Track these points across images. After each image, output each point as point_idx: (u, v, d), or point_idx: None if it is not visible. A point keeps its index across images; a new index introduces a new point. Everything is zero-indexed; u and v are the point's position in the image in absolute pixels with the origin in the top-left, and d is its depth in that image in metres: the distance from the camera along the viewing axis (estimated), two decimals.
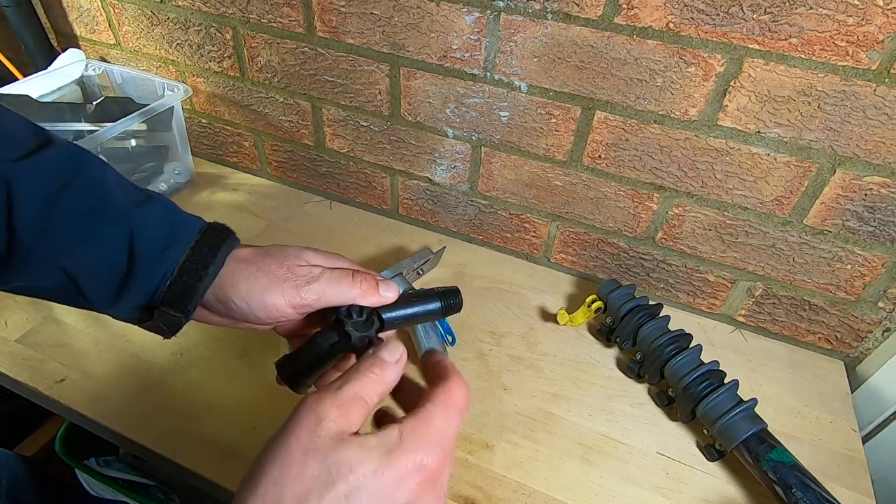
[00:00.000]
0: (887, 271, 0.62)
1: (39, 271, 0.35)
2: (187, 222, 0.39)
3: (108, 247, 0.35)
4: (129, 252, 0.36)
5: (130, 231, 0.36)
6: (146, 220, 0.37)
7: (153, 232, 0.37)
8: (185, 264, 0.37)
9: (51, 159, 0.35)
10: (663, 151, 0.64)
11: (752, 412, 0.56)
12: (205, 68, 0.86)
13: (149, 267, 0.36)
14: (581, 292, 0.78)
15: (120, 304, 0.37)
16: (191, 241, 0.38)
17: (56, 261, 0.34)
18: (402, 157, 0.81)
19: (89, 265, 0.35)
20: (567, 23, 0.60)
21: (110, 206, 0.36)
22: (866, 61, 0.51)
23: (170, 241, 0.37)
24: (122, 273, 0.36)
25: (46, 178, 0.34)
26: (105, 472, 0.90)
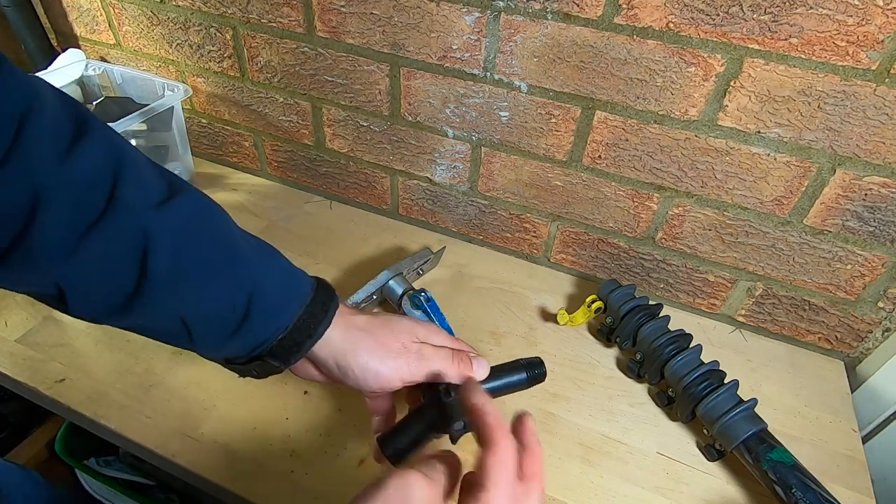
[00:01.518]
0: (887, 271, 0.62)
1: (158, 316, 0.36)
2: (301, 280, 0.41)
3: (229, 299, 0.37)
4: (248, 305, 0.37)
5: (252, 285, 0.37)
6: (267, 275, 0.39)
7: (272, 288, 0.38)
8: (298, 322, 0.39)
9: (185, 208, 0.36)
10: (663, 151, 0.64)
11: (752, 412, 0.56)
12: (205, 68, 0.86)
13: (264, 322, 0.38)
14: (581, 292, 0.78)
15: (223, 350, 0.39)
16: (305, 301, 0.39)
17: (177, 307, 0.36)
18: (402, 157, 0.81)
19: (207, 314, 0.37)
20: (567, 23, 0.60)
21: (235, 258, 0.38)
22: (866, 61, 0.51)
23: (286, 298, 0.39)
24: (235, 324, 0.37)
25: (180, 227, 0.35)
26: (105, 472, 0.90)
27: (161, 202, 0.35)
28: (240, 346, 0.39)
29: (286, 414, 0.59)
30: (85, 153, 0.32)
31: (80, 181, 0.31)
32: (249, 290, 0.37)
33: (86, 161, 0.32)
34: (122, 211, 0.32)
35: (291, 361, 0.40)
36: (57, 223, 0.31)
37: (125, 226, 0.33)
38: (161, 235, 0.34)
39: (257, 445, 0.56)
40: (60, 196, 0.30)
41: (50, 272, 0.32)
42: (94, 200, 0.32)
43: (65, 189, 0.31)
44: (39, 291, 0.34)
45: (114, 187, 0.32)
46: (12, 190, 0.29)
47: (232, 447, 0.56)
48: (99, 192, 0.32)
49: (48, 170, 0.30)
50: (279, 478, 0.53)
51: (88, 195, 0.32)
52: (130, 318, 0.36)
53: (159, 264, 0.34)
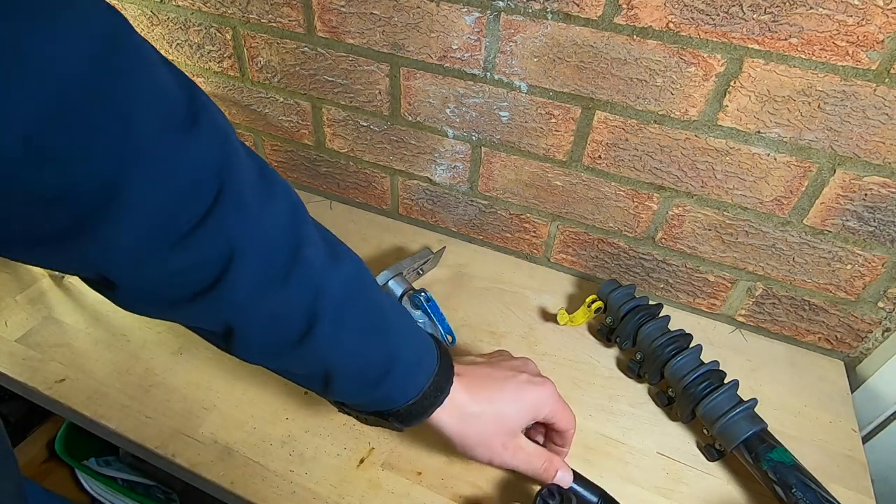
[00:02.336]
0: (887, 271, 0.62)
1: (307, 365, 0.38)
2: (430, 349, 0.43)
3: (373, 362, 0.39)
4: (388, 368, 0.40)
5: (395, 349, 0.40)
6: (406, 340, 0.41)
7: (409, 354, 0.41)
8: (427, 391, 0.41)
9: (350, 269, 0.38)
10: (663, 151, 0.64)
11: (752, 412, 0.56)
12: (205, 68, 0.86)
13: (397, 386, 0.41)
14: (581, 292, 0.78)
15: (353, 401, 0.42)
16: (434, 370, 0.42)
17: (326, 363, 0.38)
18: (402, 157, 0.81)
19: (352, 372, 0.39)
20: (567, 23, 0.60)
21: (384, 321, 0.40)
22: (866, 61, 0.51)
23: (420, 366, 0.42)
24: (370, 386, 0.40)
25: (346, 287, 0.37)
26: (105, 472, 0.90)
27: (330, 262, 0.37)
28: (368, 402, 0.42)
29: (286, 414, 0.59)
30: (276, 209, 0.33)
31: (270, 238, 0.33)
32: (392, 353, 0.40)
33: (276, 218, 0.33)
34: (304, 270, 0.34)
35: (411, 425, 0.43)
36: (248, 279, 0.32)
37: (304, 284, 0.34)
38: (331, 295, 0.36)
39: (257, 445, 0.56)
40: (255, 249, 0.32)
41: (228, 319, 0.34)
42: (281, 255, 0.33)
43: (259, 243, 0.32)
44: (209, 330, 0.36)
45: (297, 245, 0.34)
46: (213, 245, 0.30)
47: (232, 447, 0.56)
48: (285, 248, 0.34)
49: (245, 226, 0.31)
50: (279, 478, 0.54)
51: (277, 250, 0.33)
52: (281, 363, 0.38)
53: (325, 322, 0.36)
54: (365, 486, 0.53)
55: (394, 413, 0.42)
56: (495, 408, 0.45)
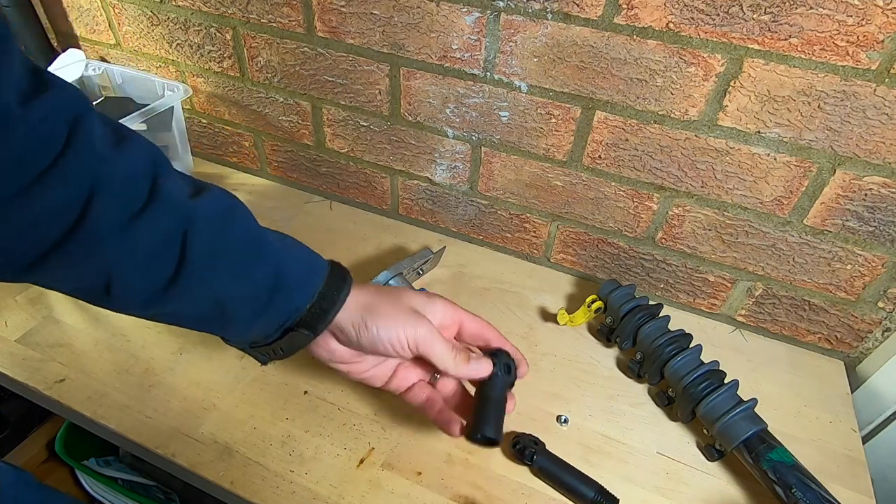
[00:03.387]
0: (887, 271, 0.62)
1: (195, 298, 0.39)
2: (318, 259, 0.46)
3: (261, 276, 0.41)
4: (275, 283, 0.41)
5: (278, 263, 0.42)
6: (290, 254, 0.43)
7: (296, 267, 0.43)
8: (323, 291, 0.43)
9: (216, 198, 0.40)
10: (663, 151, 0.64)
11: (752, 412, 0.56)
12: (205, 68, 0.86)
13: (291, 295, 0.42)
14: (581, 292, 0.78)
15: (254, 328, 0.43)
16: (325, 274, 0.44)
17: (213, 287, 0.39)
18: (402, 157, 0.81)
19: (241, 293, 0.40)
20: (567, 23, 0.60)
21: (262, 241, 0.42)
22: (866, 61, 0.51)
23: (310, 273, 0.43)
24: (266, 299, 0.41)
25: (215, 214, 0.39)
26: (105, 472, 0.90)
27: (194, 194, 0.39)
28: (271, 320, 0.42)
29: (286, 414, 0.59)
30: (132, 148, 0.36)
31: (130, 172, 0.35)
32: (276, 267, 0.41)
33: (133, 155, 0.36)
34: (165, 199, 0.36)
35: (320, 329, 0.43)
36: (111, 208, 0.34)
37: (168, 213, 0.36)
38: (199, 221, 0.37)
39: (257, 445, 0.56)
40: (114, 184, 0.34)
41: (102, 258, 0.35)
42: (141, 188, 0.36)
43: (118, 178, 0.35)
44: (87, 286, 0.37)
45: (155, 179, 0.36)
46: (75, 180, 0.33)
47: (232, 447, 0.56)
48: (144, 182, 0.36)
49: (103, 161, 0.34)
50: (279, 478, 0.54)
51: (136, 184, 0.36)
52: (168, 304, 0.39)
53: (198, 247, 0.37)
54: (365, 486, 0.53)
55: (299, 321, 0.43)
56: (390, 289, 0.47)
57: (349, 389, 0.62)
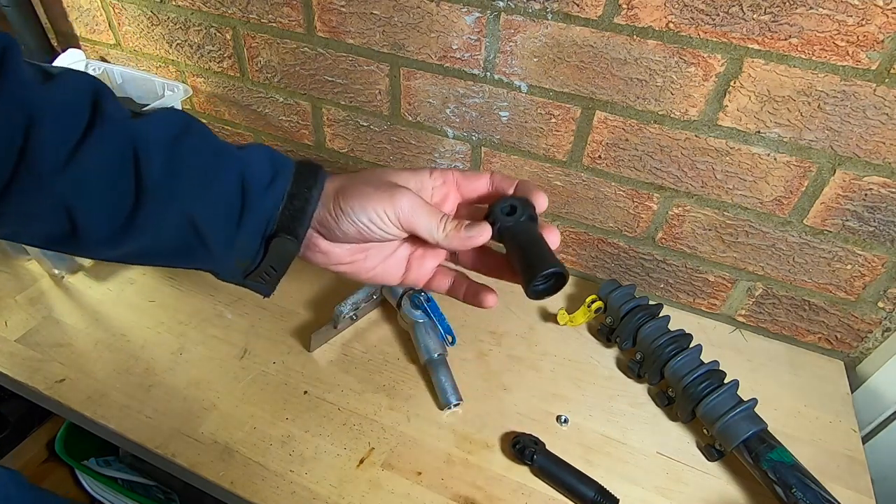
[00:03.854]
0: (887, 271, 0.62)
1: (163, 223, 0.37)
2: (284, 158, 0.43)
3: (226, 186, 0.39)
4: (242, 189, 0.39)
5: (241, 170, 0.39)
6: (251, 158, 0.41)
7: (259, 168, 0.40)
8: (292, 190, 0.40)
9: (164, 114, 0.38)
10: (663, 151, 0.64)
11: (752, 412, 0.56)
12: (205, 68, 0.86)
13: (261, 198, 0.40)
14: (581, 292, 0.78)
15: (235, 245, 0.40)
16: (292, 171, 0.41)
17: (180, 207, 0.37)
18: (402, 157, 0.81)
19: (211, 205, 0.38)
20: (567, 23, 0.60)
21: (221, 150, 0.40)
22: (866, 61, 0.51)
23: (274, 174, 0.41)
24: (238, 209, 0.39)
25: (164, 131, 0.37)
26: (105, 472, 0.90)
27: (140, 117, 0.37)
28: (249, 232, 0.40)
29: (286, 414, 0.59)
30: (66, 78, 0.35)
31: (66, 100, 0.34)
32: (241, 174, 0.39)
33: (68, 83, 0.35)
34: (107, 121, 0.35)
35: (301, 232, 0.41)
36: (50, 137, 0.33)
37: (113, 134, 0.35)
38: (148, 139, 0.36)
39: (257, 445, 0.56)
40: (50, 113, 0.33)
41: (54, 191, 0.34)
42: (80, 114, 0.35)
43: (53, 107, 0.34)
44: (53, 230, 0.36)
45: (95, 104, 0.35)
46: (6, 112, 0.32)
47: (232, 447, 0.56)
48: (83, 109, 0.35)
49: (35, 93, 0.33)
50: (279, 478, 0.54)
51: (75, 110, 0.35)
52: (140, 236, 0.37)
53: (152, 167, 0.36)
54: (365, 486, 0.53)
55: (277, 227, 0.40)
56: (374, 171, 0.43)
57: (349, 389, 0.62)
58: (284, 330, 0.69)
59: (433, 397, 0.62)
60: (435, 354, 0.63)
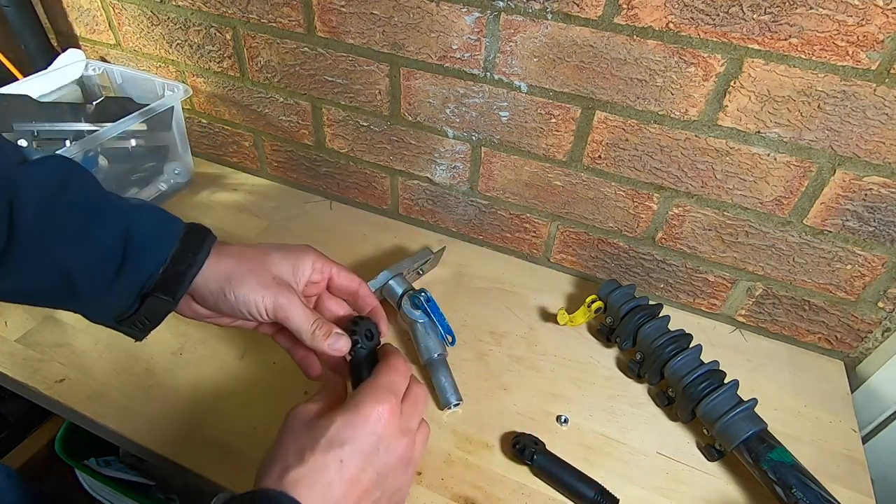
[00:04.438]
0: (887, 271, 0.62)
1: (34, 270, 0.37)
2: (173, 220, 0.43)
3: (106, 241, 0.38)
4: (125, 244, 0.39)
5: (126, 226, 0.39)
6: (140, 216, 0.41)
7: (147, 227, 0.40)
8: (177, 254, 0.41)
9: (49, 163, 0.38)
10: (663, 151, 0.64)
11: (752, 412, 0.56)
12: (205, 68, 0.86)
13: (143, 258, 0.40)
14: (581, 292, 0.78)
15: (109, 297, 0.40)
16: (180, 234, 0.42)
17: (53, 257, 0.37)
18: (402, 157, 0.81)
19: (85, 261, 0.38)
20: (567, 23, 0.60)
21: (106, 204, 0.39)
22: (866, 61, 0.51)
23: (161, 235, 0.41)
24: (116, 265, 0.39)
25: (45, 180, 0.37)
26: (105, 473, 0.90)
27: (22, 161, 0.37)
28: (125, 288, 0.40)
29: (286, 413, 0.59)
30: None
31: None
32: (124, 231, 0.39)
33: None
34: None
35: (179, 294, 0.41)
36: None
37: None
38: (25, 188, 0.35)
39: (257, 446, 0.56)
40: None
41: None
42: None
43: None
44: None
45: None
46: None
47: (232, 447, 0.56)
48: None
49: None
50: None
51: None
52: (7, 279, 0.37)
53: (26, 215, 0.35)
54: None
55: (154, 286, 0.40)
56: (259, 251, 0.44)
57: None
58: None
59: (433, 397, 0.62)
60: (435, 354, 0.63)
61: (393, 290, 0.69)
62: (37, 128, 0.77)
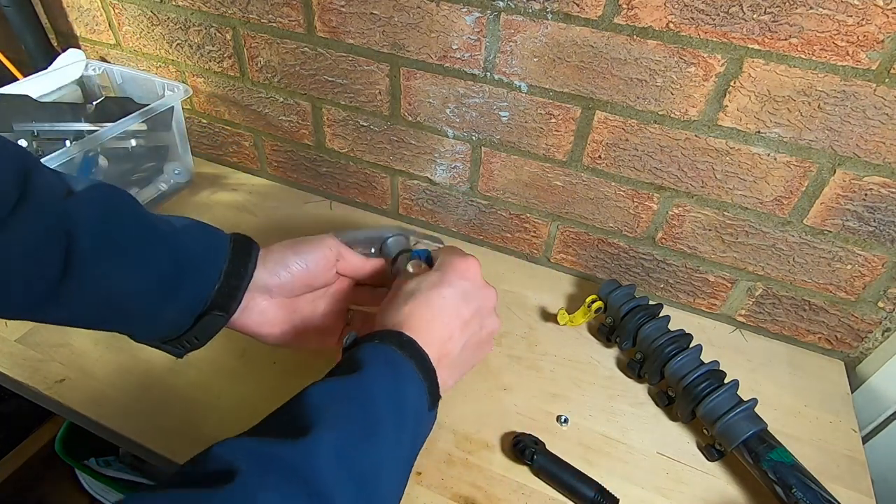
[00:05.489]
0: (887, 271, 0.62)
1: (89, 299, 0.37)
2: (219, 236, 0.44)
3: (158, 266, 0.39)
4: (177, 268, 0.40)
5: (176, 249, 0.40)
6: (187, 237, 0.41)
7: (197, 247, 0.41)
8: (229, 270, 0.42)
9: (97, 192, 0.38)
10: (663, 151, 0.64)
11: (752, 412, 0.56)
12: (205, 68, 0.86)
13: (197, 279, 0.41)
14: (581, 292, 0.78)
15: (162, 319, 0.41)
16: (228, 250, 0.43)
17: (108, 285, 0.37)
18: (402, 157, 0.81)
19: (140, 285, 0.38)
20: (567, 23, 0.60)
21: (154, 229, 0.40)
22: (866, 61, 0.51)
23: (211, 253, 0.42)
24: (171, 288, 0.40)
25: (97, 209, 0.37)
26: (105, 472, 0.90)
27: (71, 192, 0.37)
28: (182, 310, 0.41)
29: None
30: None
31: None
32: (174, 254, 0.40)
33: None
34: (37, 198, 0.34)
35: (233, 308, 0.42)
36: None
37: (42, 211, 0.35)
38: (80, 217, 0.36)
39: None
40: None
41: None
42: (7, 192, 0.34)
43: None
44: None
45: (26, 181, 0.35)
46: None
47: None
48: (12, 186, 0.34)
49: None
50: None
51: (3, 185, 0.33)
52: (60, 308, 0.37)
53: (83, 245, 0.35)
54: None
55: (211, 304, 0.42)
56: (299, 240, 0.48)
57: None
58: None
59: None
60: None
61: (390, 248, 0.59)
62: (37, 128, 0.77)
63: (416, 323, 0.40)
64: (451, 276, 0.43)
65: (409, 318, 0.40)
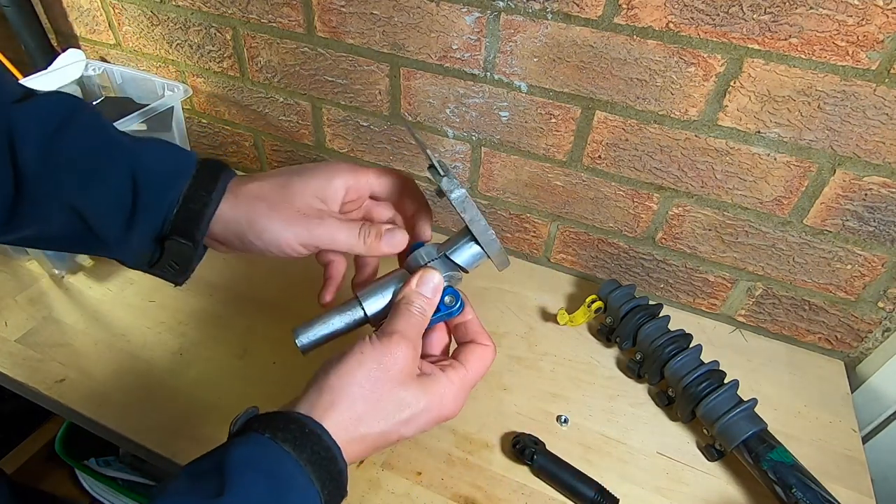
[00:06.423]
0: (887, 271, 0.62)
1: (48, 214, 0.35)
2: (186, 155, 0.40)
3: (114, 181, 0.36)
4: (134, 185, 0.37)
5: (133, 165, 0.37)
6: (148, 154, 0.38)
7: (155, 165, 0.38)
8: (189, 192, 0.38)
9: (48, 101, 0.36)
10: (663, 151, 0.64)
11: (752, 412, 0.56)
12: (205, 68, 0.86)
13: (154, 198, 0.37)
14: (581, 292, 0.78)
15: (131, 239, 0.38)
16: (192, 171, 0.39)
17: (64, 200, 0.35)
18: (402, 157, 0.81)
19: (97, 201, 0.36)
20: (567, 23, 0.60)
21: (111, 142, 0.37)
22: (866, 61, 0.51)
23: (172, 172, 0.38)
24: (129, 206, 0.37)
25: (45, 118, 0.35)
26: (105, 472, 0.90)
27: (20, 99, 0.35)
28: (143, 229, 0.38)
29: None
30: None
31: None
32: (132, 169, 0.36)
33: None
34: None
35: (198, 237, 0.38)
36: None
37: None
38: (26, 128, 0.34)
39: None
40: None
41: None
42: None
43: None
44: None
45: None
46: None
47: None
48: None
49: None
50: None
51: None
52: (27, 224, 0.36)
53: (28, 156, 0.33)
54: (365, 486, 0.53)
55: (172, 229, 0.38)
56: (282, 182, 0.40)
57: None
58: (284, 330, 0.69)
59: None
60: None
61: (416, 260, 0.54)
62: None
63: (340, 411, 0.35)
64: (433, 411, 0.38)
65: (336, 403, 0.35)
